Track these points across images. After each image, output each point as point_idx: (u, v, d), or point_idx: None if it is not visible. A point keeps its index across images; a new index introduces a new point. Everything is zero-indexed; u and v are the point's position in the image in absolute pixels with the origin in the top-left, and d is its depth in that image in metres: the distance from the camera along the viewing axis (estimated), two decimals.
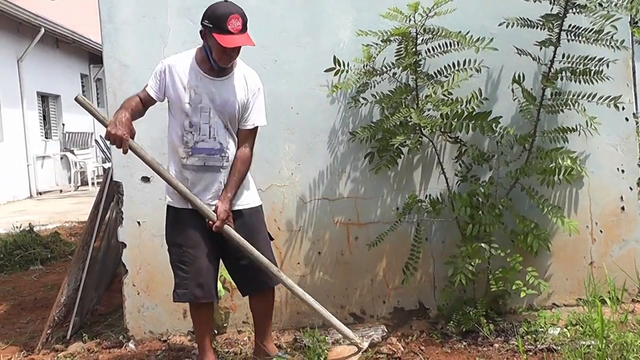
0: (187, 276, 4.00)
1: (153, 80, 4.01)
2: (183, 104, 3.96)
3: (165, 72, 3.98)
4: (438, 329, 4.74)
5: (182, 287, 4.02)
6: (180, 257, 4.02)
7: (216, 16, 3.86)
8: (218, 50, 3.89)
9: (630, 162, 5.02)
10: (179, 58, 4.06)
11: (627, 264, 5.00)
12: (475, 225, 4.61)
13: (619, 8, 4.39)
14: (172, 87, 3.97)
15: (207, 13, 3.91)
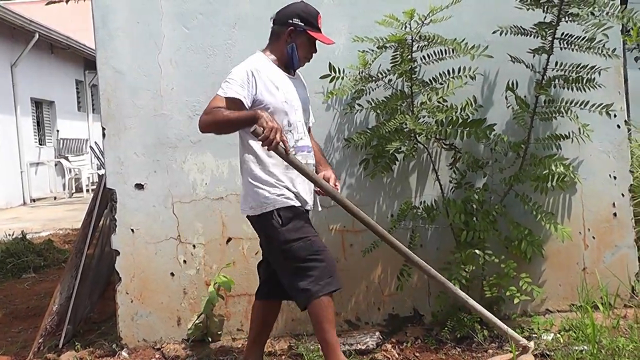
0: (325, 264, 3.81)
1: (240, 87, 3.82)
2: (281, 104, 3.91)
3: (253, 76, 3.87)
4: (433, 335, 4.74)
5: (327, 276, 3.79)
6: (310, 247, 3.81)
7: (307, 15, 4.01)
8: (308, 47, 4.05)
9: (622, 169, 5.04)
10: (254, 62, 3.97)
11: (619, 269, 5.03)
12: (470, 231, 4.63)
13: (610, 17, 4.41)
14: (265, 89, 3.88)
15: (295, 12, 4.00)
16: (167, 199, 4.80)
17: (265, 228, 3.92)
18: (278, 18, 4.03)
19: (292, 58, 4.02)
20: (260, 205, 3.87)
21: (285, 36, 3.99)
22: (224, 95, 3.80)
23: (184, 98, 4.78)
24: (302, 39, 3.99)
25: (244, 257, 4.82)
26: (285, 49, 4.00)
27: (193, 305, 4.81)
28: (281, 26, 4.01)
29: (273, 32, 4.07)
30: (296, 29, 3.97)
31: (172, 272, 4.81)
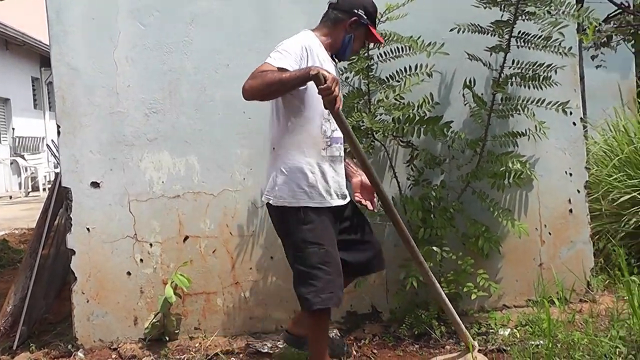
0: (331, 278, 3.72)
1: (294, 62, 3.59)
2: None
3: (306, 50, 3.68)
4: (391, 332, 4.76)
5: (328, 290, 3.69)
6: (322, 257, 3.71)
7: (373, 9, 3.97)
8: (362, 41, 4.02)
9: (578, 166, 5.11)
10: (308, 39, 3.79)
11: (575, 265, 5.09)
12: (427, 228, 4.66)
13: (566, 16, 4.46)
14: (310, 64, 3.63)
15: (362, 4, 3.91)
16: (124, 198, 4.74)
17: (287, 222, 3.80)
18: (342, 4, 3.90)
19: (346, 48, 3.94)
20: (289, 198, 3.74)
21: (346, 24, 3.89)
22: (275, 64, 3.56)
23: (140, 95, 4.73)
24: (361, 32, 3.93)
25: (201, 256, 4.78)
26: (343, 37, 3.90)
27: (150, 304, 4.77)
28: (344, 13, 3.89)
29: (330, 17, 3.93)
30: (359, 20, 3.89)
31: (129, 271, 4.76)
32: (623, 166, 5.94)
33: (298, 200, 3.73)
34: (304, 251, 3.74)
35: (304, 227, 3.73)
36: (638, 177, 5.69)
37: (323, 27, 3.95)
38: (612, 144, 6.40)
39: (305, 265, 3.74)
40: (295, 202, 3.73)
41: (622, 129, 6.41)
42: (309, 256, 3.73)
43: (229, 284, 4.81)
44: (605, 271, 5.43)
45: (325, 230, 3.77)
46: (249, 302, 4.82)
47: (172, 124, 4.74)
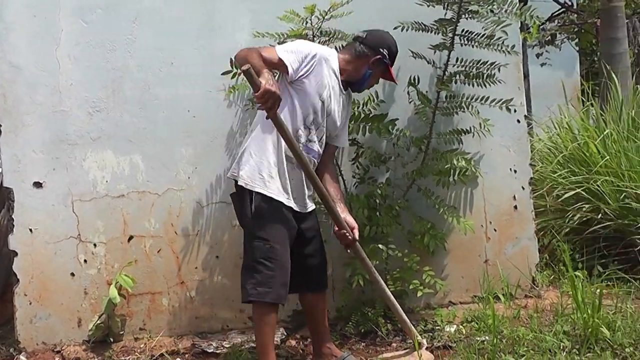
0: (272, 274, 3.83)
1: (295, 56, 3.87)
2: (316, 99, 3.95)
3: (316, 58, 3.91)
4: (337, 330, 4.75)
5: (266, 285, 3.82)
6: (266, 252, 3.84)
7: (395, 51, 4.23)
8: (377, 79, 4.27)
9: (522, 163, 5.16)
10: (329, 54, 4.05)
11: (520, 261, 5.15)
12: (373, 226, 4.66)
13: (509, 14, 4.51)
14: (317, 76, 3.92)
15: (387, 44, 4.18)
16: (67, 198, 4.66)
17: (242, 207, 3.97)
18: (370, 40, 4.13)
19: (363, 82, 4.19)
20: (247, 180, 3.90)
21: (369, 60, 4.11)
22: (278, 54, 3.84)
23: (84, 94, 4.65)
24: (380, 70, 4.17)
25: (146, 256, 4.73)
26: (364, 71, 4.13)
27: (94, 305, 4.69)
28: (370, 49, 4.11)
29: (357, 49, 4.13)
30: (383, 59, 4.12)
31: (73, 272, 4.68)
32: (567, 163, 6.02)
33: (254, 185, 3.88)
34: (251, 244, 3.91)
35: (254, 221, 3.89)
36: (582, 173, 5.77)
37: (347, 53, 4.15)
38: (557, 141, 6.50)
39: (250, 257, 3.92)
40: (251, 186, 3.88)
41: (566, 126, 6.50)
42: (254, 249, 3.88)
43: (175, 284, 4.77)
44: (550, 267, 5.51)
45: (275, 226, 3.87)
46: (195, 301, 4.78)
47: (116, 123, 4.67)
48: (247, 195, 3.90)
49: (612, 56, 7.90)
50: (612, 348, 4.06)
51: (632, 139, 5.86)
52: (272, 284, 3.84)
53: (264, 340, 3.93)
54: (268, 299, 3.85)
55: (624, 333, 4.18)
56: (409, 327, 4.31)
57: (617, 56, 7.91)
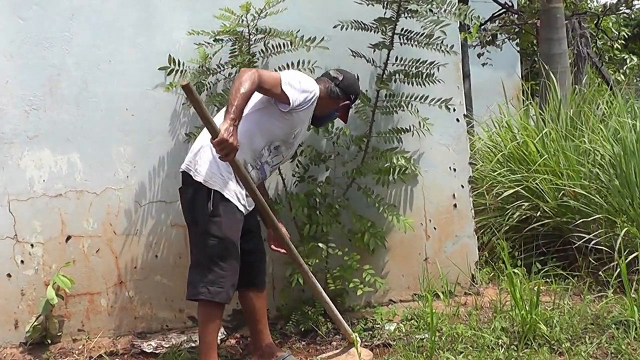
0: (225, 274, 3.84)
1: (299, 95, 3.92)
2: (292, 133, 4.07)
3: (312, 100, 4.00)
4: (277, 329, 4.75)
5: (218, 284, 3.82)
6: (220, 252, 3.84)
7: (357, 94, 4.42)
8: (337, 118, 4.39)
9: (461, 161, 5.22)
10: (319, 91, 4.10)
11: (460, 259, 5.21)
12: (313, 225, 4.67)
13: (448, 14, 4.55)
14: (303, 115, 4.03)
15: (355, 90, 4.36)
16: (3, 197, 4.58)
17: (197, 205, 3.90)
18: (345, 86, 4.24)
19: (324, 120, 4.38)
20: (206, 177, 3.85)
21: (339, 103, 4.23)
22: (283, 86, 3.85)
23: (20, 92, 4.58)
24: (344, 109, 4.31)
25: (85, 256, 4.67)
26: (331, 110, 4.26)
27: (32, 306, 4.62)
28: (343, 93, 4.23)
29: (332, 89, 4.20)
30: (349, 104, 4.31)
31: (9, 273, 4.60)
32: (507, 161, 6.10)
33: (213, 183, 3.84)
34: (205, 241, 3.86)
35: (211, 219, 3.83)
36: (521, 172, 5.86)
37: (323, 89, 4.16)
38: (496, 140, 6.58)
39: (203, 255, 3.89)
40: (210, 184, 3.84)
41: (506, 125, 6.59)
42: (208, 247, 3.85)
43: (113, 284, 4.72)
44: (490, 264, 5.58)
45: (230, 226, 3.87)
46: (134, 301, 4.74)
47: (53, 121, 4.61)
48: (204, 193, 3.85)
49: (552, 56, 8.03)
50: (549, 344, 4.13)
51: (570, 138, 5.96)
52: (224, 284, 3.84)
53: (208, 339, 3.92)
54: (218, 298, 3.85)
55: (561, 329, 4.26)
56: (343, 325, 4.32)
57: (556, 56, 8.04)
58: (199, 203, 3.87)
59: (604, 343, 4.10)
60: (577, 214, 5.39)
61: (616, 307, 4.59)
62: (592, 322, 4.40)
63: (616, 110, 6.26)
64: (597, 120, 6.27)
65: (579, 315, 4.48)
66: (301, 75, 4.08)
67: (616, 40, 13.34)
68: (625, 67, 12.92)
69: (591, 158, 5.75)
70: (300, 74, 4.13)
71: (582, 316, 4.47)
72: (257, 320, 4.24)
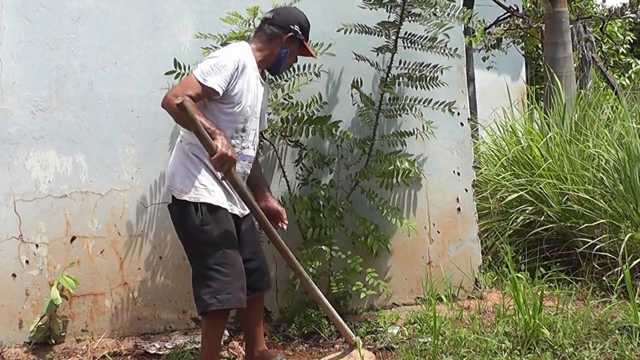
0: (229, 279, 3.74)
1: (222, 79, 3.68)
2: (245, 107, 3.84)
3: (239, 69, 3.76)
4: (280, 331, 4.77)
5: (225, 291, 3.72)
6: (218, 258, 3.74)
7: (306, 26, 4.07)
8: (294, 56, 4.14)
9: (465, 165, 5.22)
10: (246, 54, 3.86)
11: (463, 262, 5.21)
12: (316, 228, 4.68)
13: (451, 18, 4.55)
14: (242, 86, 3.79)
15: (297, 20, 4.03)
16: (9, 197, 4.61)
17: (186, 220, 3.83)
18: (278, 19, 3.99)
19: (281, 62, 4.04)
20: (190, 192, 3.78)
21: (282, 40, 3.98)
22: (203, 83, 3.65)
23: (26, 93, 4.61)
24: (295, 47, 4.04)
25: (89, 256, 4.69)
26: (279, 51, 3.99)
27: (36, 306, 4.65)
28: (280, 28, 3.97)
29: (266, 32, 3.99)
30: (295, 35, 4.00)
31: (14, 273, 4.62)
32: (511, 165, 6.10)
33: (198, 196, 3.77)
34: (201, 252, 3.79)
35: (202, 228, 3.76)
36: (525, 176, 5.86)
37: (258, 41, 4.01)
38: (501, 144, 6.58)
39: (202, 266, 3.78)
40: (195, 197, 3.77)
41: (510, 129, 6.59)
42: (205, 257, 3.76)
43: (117, 285, 4.74)
44: (493, 268, 5.58)
45: (224, 232, 3.79)
46: (138, 302, 4.76)
47: (59, 122, 4.64)
48: (191, 207, 3.78)
49: (556, 60, 8.04)
50: (552, 349, 4.12)
51: (574, 143, 5.96)
52: (231, 289, 3.74)
53: (213, 349, 3.88)
54: (229, 305, 3.76)
55: (564, 334, 4.25)
56: (343, 327, 4.32)
57: (561, 60, 8.05)
58: (188, 218, 3.81)
59: (607, 348, 4.09)
60: (581, 218, 5.39)
61: (620, 313, 4.57)
62: (595, 328, 4.39)
63: (621, 115, 6.25)
64: (602, 124, 6.26)
65: (582, 320, 4.47)
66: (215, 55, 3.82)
67: (621, 45, 13.35)
68: (630, 72, 12.94)
69: (595, 163, 5.74)
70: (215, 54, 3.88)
71: (585, 321, 4.46)
72: (253, 324, 4.22)
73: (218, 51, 3.92)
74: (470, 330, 4.47)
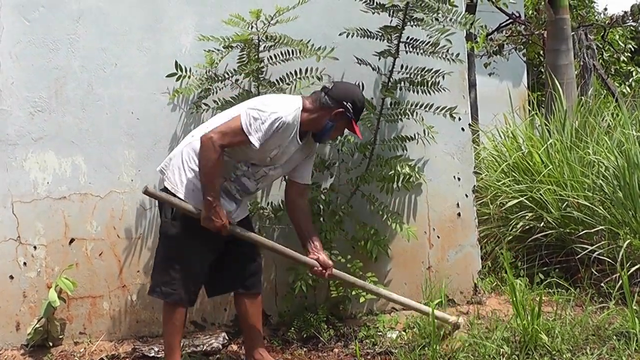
0: (177, 277, 3.95)
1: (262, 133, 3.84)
2: (266, 157, 3.97)
3: (278, 131, 3.87)
4: (279, 335, 4.75)
5: (170, 286, 3.95)
6: (176, 255, 3.96)
7: (360, 107, 4.11)
8: (341, 132, 4.23)
9: (466, 170, 5.21)
10: (294, 116, 3.93)
11: (462, 268, 5.20)
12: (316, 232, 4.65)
13: (453, 23, 4.53)
14: (274, 140, 3.90)
15: (351, 97, 4.06)
16: (7, 199, 4.59)
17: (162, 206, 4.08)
18: (334, 93, 4.03)
19: (323, 134, 4.10)
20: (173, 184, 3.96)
21: (331, 112, 4.02)
22: (245, 131, 3.83)
23: (25, 93, 4.59)
24: (343, 122, 4.09)
25: (88, 258, 4.67)
26: (325, 122, 4.04)
27: (33, 309, 4.62)
28: (333, 101, 4.01)
29: (321, 100, 4.03)
30: (345, 113, 4.02)
31: (12, 275, 4.60)
32: (511, 171, 6.09)
33: (177, 191, 3.96)
34: (163, 243, 4.06)
35: (171, 222, 3.99)
36: (525, 182, 5.84)
37: (311, 103, 4.06)
38: (501, 150, 6.57)
39: (160, 256, 4.07)
40: (175, 190, 3.96)
41: (511, 135, 6.58)
42: (165, 248, 4.03)
43: (116, 287, 4.72)
44: (493, 274, 5.56)
45: (190, 231, 3.93)
46: (136, 305, 4.74)
47: (58, 124, 4.62)
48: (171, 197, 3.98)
49: (558, 67, 8.04)
50: (550, 354, 4.11)
51: (574, 149, 5.95)
52: (176, 286, 3.95)
53: (168, 339, 4.07)
54: (169, 299, 3.98)
55: (562, 339, 4.24)
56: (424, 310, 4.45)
57: (563, 67, 8.05)
58: (165, 206, 4.04)
59: (604, 354, 4.09)
60: (581, 225, 5.38)
61: (617, 319, 4.57)
62: (593, 333, 4.38)
63: (621, 122, 6.25)
64: (602, 131, 6.25)
65: (580, 326, 4.46)
66: (265, 104, 3.96)
67: (622, 53, 13.37)
68: (631, 80, 12.95)
69: (595, 169, 5.73)
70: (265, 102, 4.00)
71: (583, 327, 4.44)
72: (251, 326, 4.24)
73: (271, 100, 4.05)
74: (469, 335, 4.46)
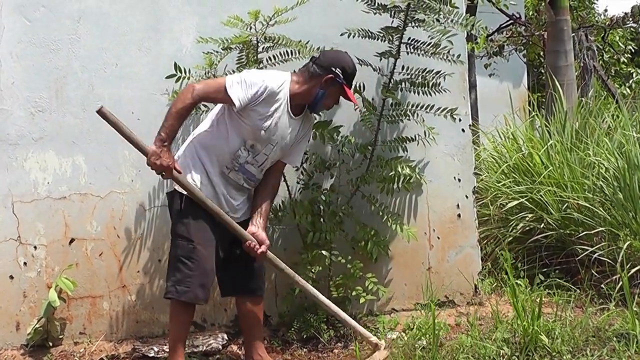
0: (192, 274, 3.94)
1: (244, 92, 3.88)
2: (259, 129, 3.97)
3: (264, 94, 3.90)
4: (279, 336, 4.76)
5: (185, 284, 3.94)
6: (188, 252, 3.96)
7: (351, 71, 4.13)
8: (334, 99, 4.20)
9: (466, 172, 5.21)
10: (280, 84, 3.98)
11: (463, 269, 5.19)
12: (317, 232, 4.66)
13: (454, 24, 4.53)
14: (261, 109, 3.93)
15: (340, 63, 4.08)
16: (7, 199, 4.58)
17: (171, 207, 4.12)
18: (322, 60, 4.08)
19: (316, 103, 4.11)
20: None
21: (321, 80, 4.04)
22: (228, 90, 3.88)
23: (25, 93, 4.59)
24: (335, 89, 4.09)
25: (88, 259, 4.67)
26: (315, 91, 4.05)
27: (33, 309, 4.62)
28: (322, 69, 4.05)
29: (310, 69, 4.08)
30: (335, 78, 4.04)
31: (12, 275, 4.60)
32: (511, 172, 6.10)
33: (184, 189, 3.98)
34: (175, 242, 4.05)
35: (180, 220, 4.01)
36: (526, 183, 5.85)
37: (301, 75, 4.11)
38: (502, 151, 6.58)
39: (173, 255, 4.05)
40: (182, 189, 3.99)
41: (511, 137, 6.59)
42: (177, 248, 4.01)
43: (116, 288, 4.72)
44: (493, 275, 5.55)
45: (200, 227, 3.97)
46: (136, 305, 4.74)
47: (59, 124, 4.62)
48: (178, 196, 4.02)
49: (558, 68, 8.05)
50: (550, 355, 4.11)
51: (575, 151, 5.95)
52: (190, 283, 3.94)
53: (174, 337, 4.05)
54: (184, 298, 3.95)
55: (562, 341, 4.23)
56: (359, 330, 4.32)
57: (563, 69, 8.06)
58: (173, 207, 4.08)
59: (605, 356, 4.09)
60: (581, 226, 5.38)
61: (618, 320, 4.57)
62: (593, 335, 4.38)
63: (621, 124, 6.25)
64: (602, 133, 6.25)
65: (580, 327, 4.45)
66: (251, 72, 4.07)
67: (623, 54, 13.38)
68: (631, 81, 12.96)
69: (595, 171, 5.73)
70: (251, 71, 4.12)
71: (583, 328, 4.44)
72: (251, 327, 4.27)
73: (257, 70, 4.15)
74: (469, 336, 4.46)
